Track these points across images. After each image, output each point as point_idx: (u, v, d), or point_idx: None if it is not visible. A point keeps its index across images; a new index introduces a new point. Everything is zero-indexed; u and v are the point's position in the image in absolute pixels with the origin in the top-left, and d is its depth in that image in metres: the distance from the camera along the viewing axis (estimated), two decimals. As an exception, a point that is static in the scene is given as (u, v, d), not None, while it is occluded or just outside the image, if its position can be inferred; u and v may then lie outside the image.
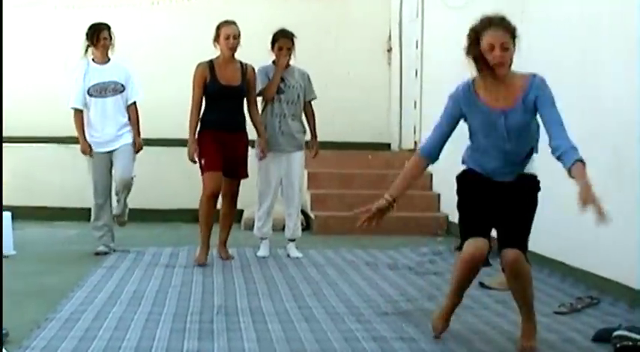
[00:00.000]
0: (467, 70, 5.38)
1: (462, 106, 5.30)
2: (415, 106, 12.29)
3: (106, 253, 8.63)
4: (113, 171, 8.82)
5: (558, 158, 4.84)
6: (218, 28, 8.27)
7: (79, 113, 8.79)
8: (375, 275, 7.72)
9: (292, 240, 8.84)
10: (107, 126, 8.77)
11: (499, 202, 5.20)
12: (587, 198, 4.53)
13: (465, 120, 5.32)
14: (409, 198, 11.25)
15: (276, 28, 8.65)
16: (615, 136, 6.77)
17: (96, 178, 8.81)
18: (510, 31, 5.02)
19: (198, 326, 5.69)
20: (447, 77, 10.80)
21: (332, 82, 12.68)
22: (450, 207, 10.80)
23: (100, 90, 8.76)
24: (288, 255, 8.72)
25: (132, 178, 8.91)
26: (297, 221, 8.85)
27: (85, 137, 8.76)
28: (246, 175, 8.50)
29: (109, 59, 8.90)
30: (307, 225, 10.73)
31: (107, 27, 8.90)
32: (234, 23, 8.27)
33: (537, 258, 7.80)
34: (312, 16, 12.96)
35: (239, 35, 8.24)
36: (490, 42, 4.99)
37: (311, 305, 6.39)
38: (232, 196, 8.53)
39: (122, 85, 8.84)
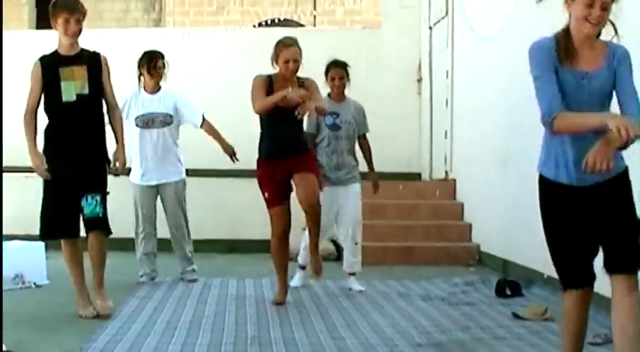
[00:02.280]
0: (497, 99, 5.30)
1: (554, 57, 4.63)
2: (446, 136, 12.30)
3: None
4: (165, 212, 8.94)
5: None
6: (277, 48, 7.54)
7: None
8: (408, 306, 7.70)
9: (352, 274, 8.61)
10: (152, 159, 8.70)
11: (593, 217, 4.65)
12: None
13: None
14: (441, 228, 11.32)
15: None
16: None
17: (138, 209, 8.87)
18: None
19: (232, 356, 5.71)
20: (478, 106, 10.88)
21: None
22: (481, 236, 10.81)
23: (147, 122, 8.65)
24: (350, 289, 8.47)
25: (184, 221, 9.03)
26: (358, 255, 8.59)
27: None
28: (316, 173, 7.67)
29: (159, 88, 8.79)
30: (338, 255, 10.72)
31: (161, 55, 8.79)
32: (293, 44, 7.52)
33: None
34: (343, 47, 13.02)
35: (300, 57, 7.50)
36: None
37: (344, 335, 6.39)
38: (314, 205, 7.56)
39: (171, 117, 8.71)
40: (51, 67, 6.98)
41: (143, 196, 8.81)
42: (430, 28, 13.21)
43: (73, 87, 6.93)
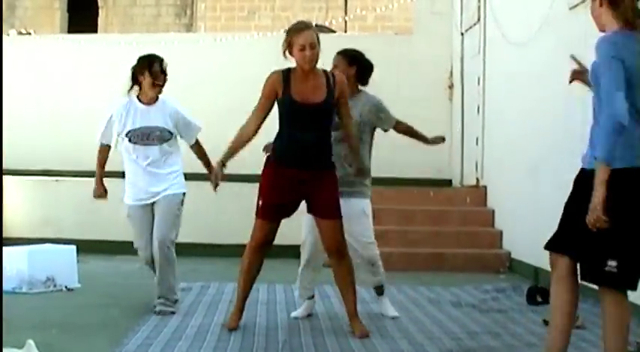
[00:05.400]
0: (528, 106, 5.34)
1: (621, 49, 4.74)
2: (477, 143, 12.27)
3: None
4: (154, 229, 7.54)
5: None
6: (288, 36, 6.45)
7: (105, 149, 7.66)
8: (439, 313, 7.68)
9: (380, 291, 7.47)
10: (148, 179, 7.53)
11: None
12: None
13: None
14: (471, 234, 11.30)
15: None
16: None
17: (135, 234, 7.68)
18: None
19: (262, 361, 5.71)
20: (509, 113, 10.85)
21: (393, 118, 12.73)
22: (511, 243, 10.77)
23: (143, 137, 7.47)
24: (382, 315, 7.41)
25: (170, 243, 7.46)
26: (377, 274, 7.40)
27: (101, 178, 7.73)
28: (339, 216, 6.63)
29: (157, 99, 7.59)
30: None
31: (160, 60, 7.64)
32: (307, 27, 6.45)
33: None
34: (374, 53, 13.00)
35: (318, 42, 6.38)
36: None
37: (375, 341, 6.37)
38: (338, 249, 6.68)
39: (170, 133, 7.54)
40: None
41: (137, 217, 7.63)
42: (462, 34, 13.20)
43: None
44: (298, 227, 7.27)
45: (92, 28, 22.75)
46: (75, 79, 13.23)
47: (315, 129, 6.46)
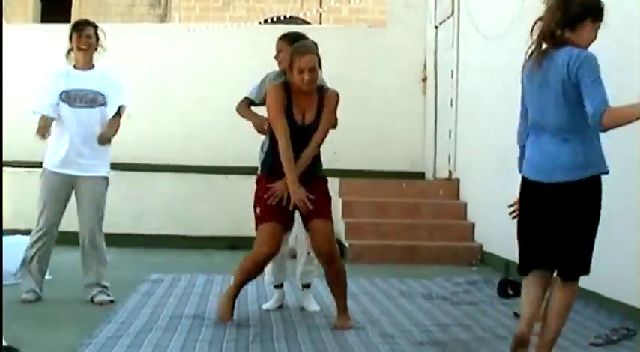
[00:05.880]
0: (501, 99, 5.44)
1: None
2: (450, 135, 12.30)
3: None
4: (78, 213, 7.53)
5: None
6: (292, 56, 6.48)
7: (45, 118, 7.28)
8: (410, 305, 7.70)
9: (306, 287, 7.47)
10: (74, 143, 7.29)
11: (549, 215, 5.13)
12: None
13: None
14: (444, 227, 11.32)
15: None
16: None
17: (45, 202, 7.43)
18: None
19: (233, 353, 5.71)
20: (482, 106, 10.87)
21: (367, 111, 12.77)
22: (483, 236, 10.80)
23: (75, 98, 7.30)
24: (303, 309, 7.37)
25: (98, 226, 7.51)
26: (307, 264, 7.42)
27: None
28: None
29: (93, 66, 7.48)
30: (342, 253, 10.69)
31: (93, 26, 7.51)
32: (309, 51, 6.47)
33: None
34: (349, 45, 13.04)
35: (319, 65, 6.49)
36: None
37: (346, 333, 6.38)
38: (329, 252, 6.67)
39: (104, 97, 7.36)
40: None
41: (53, 186, 7.43)
42: (436, 27, 13.21)
43: None
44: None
45: (66, 18, 22.63)
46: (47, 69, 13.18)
47: (304, 145, 6.53)
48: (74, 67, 7.45)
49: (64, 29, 7.97)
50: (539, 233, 5.14)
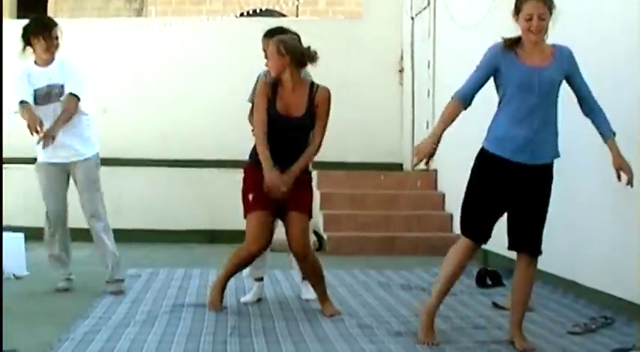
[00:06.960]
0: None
1: (499, 59, 5.88)
2: (427, 126, 12.28)
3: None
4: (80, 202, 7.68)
5: (593, 121, 5.64)
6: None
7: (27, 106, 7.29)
8: (388, 296, 7.70)
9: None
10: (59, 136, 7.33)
11: (514, 191, 5.60)
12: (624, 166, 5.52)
13: (495, 78, 6.01)
14: (422, 218, 11.32)
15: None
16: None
17: (45, 193, 7.68)
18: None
19: (211, 346, 5.69)
20: (459, 97, 10.84)
21: (344, 102, 12.66)
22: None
23: (44, 97, 7.40)
24: (307, 300, 7.37)
25: (100, 207, 7.74)
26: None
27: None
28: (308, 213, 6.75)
29: (53, 59, 7.52)
30: (320, 245, 10.71)
31: (56, 24, 7.58)
32: (272, 36, 6.85)
33: (550, 278, 7.79)
34: (325, 37, 13.01)
35: (279, 52, 6.64)
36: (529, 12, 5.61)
37: (324, 325, 6.38)
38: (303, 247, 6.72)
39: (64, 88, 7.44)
40: None
41: (50, 179, 7.66)
42: (412, 18, 13.20)
43: None
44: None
45: (41, 12, 22.48)
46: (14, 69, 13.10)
47: (291, 139, 6.61)
48: (35, 63, 7.52)
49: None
50: (508, 211, 5.67)
